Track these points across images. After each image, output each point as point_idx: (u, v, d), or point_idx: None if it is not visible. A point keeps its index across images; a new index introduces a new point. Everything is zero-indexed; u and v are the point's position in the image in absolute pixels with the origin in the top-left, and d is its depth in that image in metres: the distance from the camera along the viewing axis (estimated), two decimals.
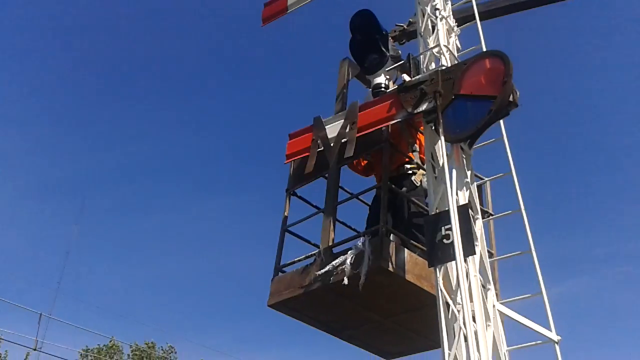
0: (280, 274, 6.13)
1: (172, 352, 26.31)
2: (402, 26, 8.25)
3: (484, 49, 5.82)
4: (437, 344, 6.30)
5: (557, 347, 4.58)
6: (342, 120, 5.73)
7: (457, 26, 6.33)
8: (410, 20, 8.38)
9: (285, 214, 6.44)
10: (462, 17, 6.80)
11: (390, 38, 6.72)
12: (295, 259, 6.11)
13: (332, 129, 5.77)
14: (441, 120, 4.85)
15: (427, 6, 6.13)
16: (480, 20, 6.37)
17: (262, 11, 7.80)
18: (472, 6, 6.42)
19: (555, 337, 4.61)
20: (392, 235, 5.64)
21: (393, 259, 5.21)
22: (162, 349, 26.06)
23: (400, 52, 6.76)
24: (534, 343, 4.66)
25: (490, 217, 5.99)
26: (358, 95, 7.29)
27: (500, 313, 4.31)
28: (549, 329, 4.65)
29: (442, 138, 4.82)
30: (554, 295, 5.19)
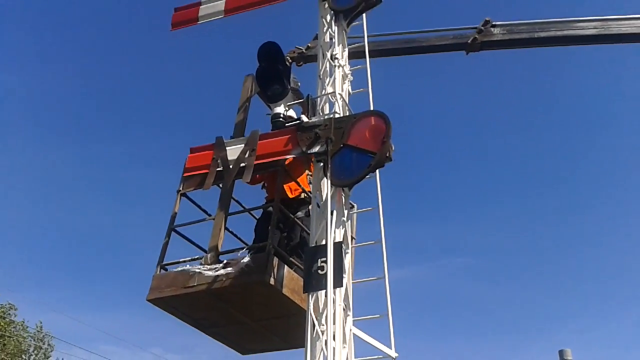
0: (162, 271, 6.63)
1: (12, 309, 25.03)
2: (301, 49, 9.02)
3: (370, 91, 6.84)
4: (291, 345, 7.40)
5: None
6: (243, 145, 6.36)
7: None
8: (309, 45, 9.17)
9: (175, 211, 6.93)
10: (354, 52, 7.69)
11: (292, 71, 7.42)
12: (181, 260, 6.66)
13: (233, 152, 6.38)
14: (329, 165, 5.68)
15: (327, 51, 6.93)
16: (371, 57, 7.34)
17: (173, 15, 8.08)
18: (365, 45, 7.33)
19: (394, 354, 5.68)
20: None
21: (275, 273, 5.98)
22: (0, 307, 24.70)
23: (299, 84, 7.52)
24: (375, 358, 5.68)
25: (355, 244, 6.98)
26: (259, 109, 7.98)
27: (354, 335, 5.27)
28: (390, 347, 5.71)
29: (328, 181, 5.64)
30: (394, 277, 6.20)
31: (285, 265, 6.24)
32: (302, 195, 7.19)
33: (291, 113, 7.16)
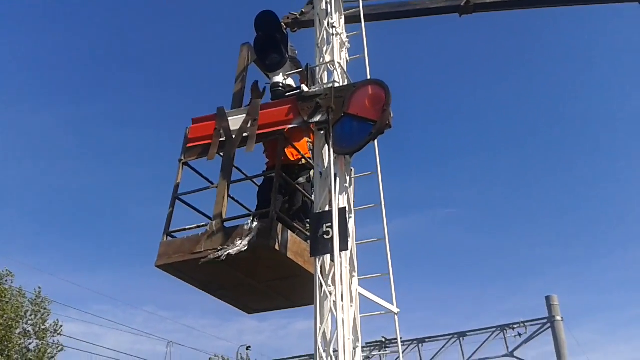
0: (169, 238, 6.87)
1: (9, 275, 25.25)
2: (295, 15, 9.05)
3: (366, 58, 6.99)
4: (294, 304, 7.75)
5: (396, 318, 6.02)
6: (244, 115, 6.51)
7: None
8: (303, 10, 9.20)
9: (178, 181, 7.13)
10: (349, 17, 7.78)
11: (289, 39, 7.51)
12: (187, 227, 6.90)
13: (234, 122, 6.53)
14: (331, 134, 5.87)
15: (324, 19, 7.02)
16: (366, 21, 7.45)
17: None
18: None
19: (396, 310, 6.03)
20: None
21: (279, 238, 6.24)
22: None
23: (296, 52, 7.62)
24: (378, 313, 6.03)
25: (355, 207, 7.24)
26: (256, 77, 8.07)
27: (360, 294, 5.59)
28: (392, 303, 6.05)
29: (331, 149, 5.85)
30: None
31: (289, 230, 6.50)
32: (302, 161, 7.38)
33: (290, 82, 7.29)
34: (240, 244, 5.98)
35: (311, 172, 7.29)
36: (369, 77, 6.87)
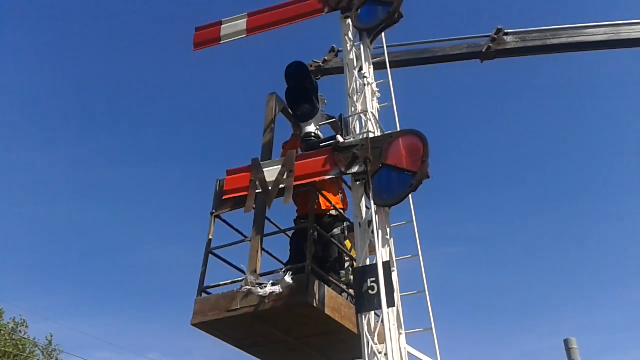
0: (203, 294, 6.72)
1: (22, 324, 24.89)
2: (318, 62, 9.14)
3: (394, 105, 6.98)
4: (329, 359, 7.49)
5: None
6: (280, 167, 6.45)
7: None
8: (325, 58, 9.29)
9: (210, 236, 7.02)
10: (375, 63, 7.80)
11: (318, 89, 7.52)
12: (221, 283, 6.76)
13: (270, 173, 6.46)
14: (370, 185, 5.79)
15: (353, 68, 7.03)
16: (391, 67, 7.46)
17: (194, 35, 8.14)
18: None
19: None
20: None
21: (316, 294, 6.09)
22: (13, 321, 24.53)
23: (325, 100, 7.62)
24: None
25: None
26: (284, 127, 8.08)
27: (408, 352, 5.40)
28: (436, 359, 5.85)
29: (371, 201, 5.75)
30: None
31: (325, 285, 6.35)
32: (333, 211, 7.28)
33: (311, 128, 7.26)
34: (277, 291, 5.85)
35: (345, 224, 7.19)
36: (397, 124, 6.86)
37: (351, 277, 6.89)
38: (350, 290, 6.91)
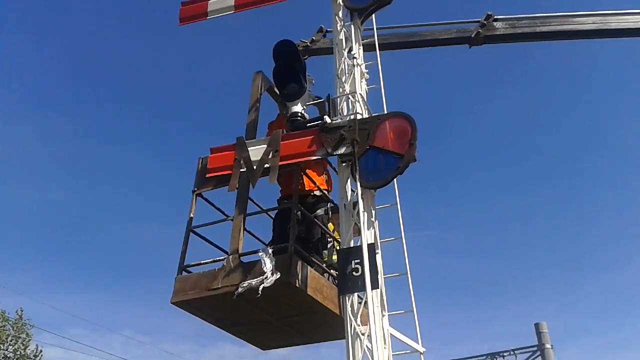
0: (184, 273, 6.65)
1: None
2: (306, 42, 9.04)
3: (382, 88, 6.93)
4: (310, 340, 7.54)
5: (422, 357, 5.85)
6: (265, 146, 6.36)
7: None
8: (313, 38, 9.19)
9: (191, 214, 6.93)
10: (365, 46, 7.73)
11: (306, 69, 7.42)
12: (202, 262, 6.68)
13: (255, 152, 6.38)
14: (357, 167, 5.75)
15: (343, 49, 6.95)
16: (380, 50, 7.42)
17: (180, 10, 7.96)
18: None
19: (421, 349, 5.86)
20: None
21: (298, 274, 6.05)
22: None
23: (313, 80, 7.53)
24: (404, 352, 5.85)
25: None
26: (269, 107, 7.98)
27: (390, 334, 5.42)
28: (417, 342, 5.89)
29: (357, 183, 5.71)
30: None
31: (308, 267, 6.31)
32: (317, 192, 7.23)
33: (298, 108, 7.18)
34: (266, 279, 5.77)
35: (329, 205, 7.15)
36: (385, 107, 6.82)
37: (334, 258, 6.87)
38: (333, 272, 6.90)
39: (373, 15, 7.55)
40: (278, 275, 5.64)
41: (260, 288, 5.66)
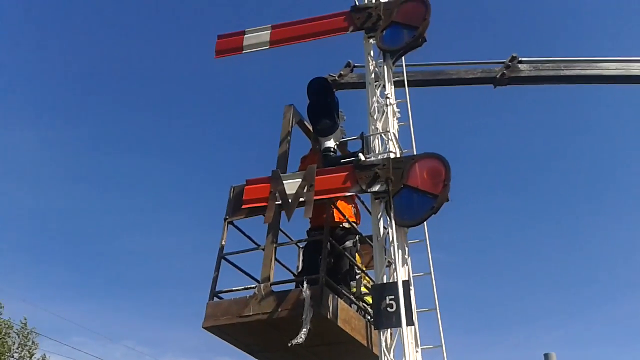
0: (215, 298, 6.84)
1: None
2: (333, 76, 9.32)
3: (412, 126, 7.16)
4: None
5: None
6: (300, 180, 6.59)
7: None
8: (341, 72, 9.48)
9: (223, 242, 7.14)
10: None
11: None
12: (234, 288, 6.89)
13: (290, 186, 6.60)
14: (392, 205, 5.97)
15: (376, 89, 7.21)
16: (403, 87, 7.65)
17: (217, 42, 8.25)
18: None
19: None
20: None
21: (329, 307, 6.24)
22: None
23: (345, 117, 7.79)
24: None
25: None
26: (300, 140, 8.24)
27: None
28: None
29: (392, 221, 5.93)
30: None
31: (338, 298, 6.50)
32: (346, 224, 7.44)
33: (330, 144, 7.44)
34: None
35: (357, 237, 7.36)
36: (414, 145, 7.05)
37: (363, 289, 7.05)
38: (360, 303, 7.08)
39: (403, 59, 7.81)
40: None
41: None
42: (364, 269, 7.65)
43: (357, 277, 7.31)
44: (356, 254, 7.58)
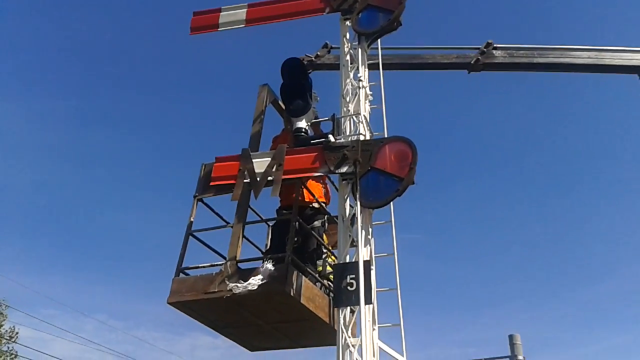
0: (181, 275, 6.90)
1: None
2: (310, 57, 9.31)
3: (385, 110, 7.20)
4: (298, 345, 7.82)
5: None
6: (269, 159, 6.64)
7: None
8: (318, 53, 9.47)
9: (192, 218, 7.18)
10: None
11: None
12: (200, 265, 6.94)
13: (259, 165, 6.64)
14: (358, 187, 6.04)
15: (348, 70, 7.24)
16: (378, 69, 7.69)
17: (192, 19, 8.20)
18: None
19: None
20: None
21: (293, 284, 6.33)
22: None
23: (318, 97, 7.82)
24: None
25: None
26: (275, 119, 8.26)
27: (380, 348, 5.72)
28: (402, 354, 6.18)
29: (357, 202, 6.01)
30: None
31: (303, 276, 6.60)
32: (315, 204, 7.52)
33: (302, 124, 7.47)
34: (253, 282, 6.05)
35: (326, 217, 7.44)
36: (385, 128, 7.11)
37: (328, 268, 7.15)
38: (325, 282, 7.19)
39: (379, 41, 7.83)
40: (259, 282, 5.90)
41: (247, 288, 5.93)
42: (331, 248, 7.74)
43: (324, 256, 7.41)
44: (324, 234, 7.68)
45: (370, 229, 6.15)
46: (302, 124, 7.20)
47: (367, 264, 5.69)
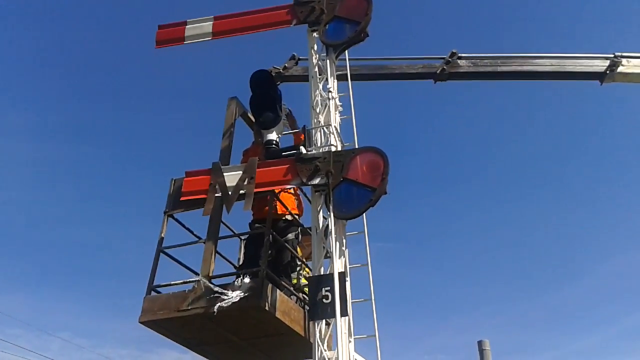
0: (153, 293, 6.75)
1: None
2: (278, 69, 9.30)
3: (354, 120, 7.22)
4: None
5: None
6: (241, 173, 6.56)
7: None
8: (286, 65, 9.46)
9: (162, 235, 7.05)
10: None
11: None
12: (172, 282, 6.80)
13: (230, 178, 6.56)
14: (331, 198, 6.02)
15: (319, 82, 7.24)
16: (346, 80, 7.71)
17: (157, 32, 8.09)
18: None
19: None
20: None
21: (268, 298, 6.26)
22: None
23: (289, 110, 7.79)
24: None
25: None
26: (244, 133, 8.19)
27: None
28: None
29: (331, 213, 5.98)
30: None
31: (277, 290, 6.53)
32: (288, 217, 7.47)
33: (273, 136, 7.43)
34: (235, 297, 5.96)
35: (299, 229, 7.40)
36: (356, 138, 7.12)
37: (303, 281, 7.10)
38: (300, 294, 7.13)
39: (346, 53, 7.86)
40: (241, 295, 5.81)
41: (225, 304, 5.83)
42: (305, 260, 7.69)
43: (298, 269, 7.36)
44: (298, 246, 7.63)
45: (344, 240, 6.13)
46: (273, 136, 7.16)
47: (342, 275, 5.67)
